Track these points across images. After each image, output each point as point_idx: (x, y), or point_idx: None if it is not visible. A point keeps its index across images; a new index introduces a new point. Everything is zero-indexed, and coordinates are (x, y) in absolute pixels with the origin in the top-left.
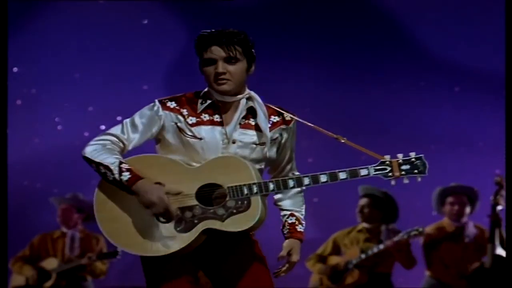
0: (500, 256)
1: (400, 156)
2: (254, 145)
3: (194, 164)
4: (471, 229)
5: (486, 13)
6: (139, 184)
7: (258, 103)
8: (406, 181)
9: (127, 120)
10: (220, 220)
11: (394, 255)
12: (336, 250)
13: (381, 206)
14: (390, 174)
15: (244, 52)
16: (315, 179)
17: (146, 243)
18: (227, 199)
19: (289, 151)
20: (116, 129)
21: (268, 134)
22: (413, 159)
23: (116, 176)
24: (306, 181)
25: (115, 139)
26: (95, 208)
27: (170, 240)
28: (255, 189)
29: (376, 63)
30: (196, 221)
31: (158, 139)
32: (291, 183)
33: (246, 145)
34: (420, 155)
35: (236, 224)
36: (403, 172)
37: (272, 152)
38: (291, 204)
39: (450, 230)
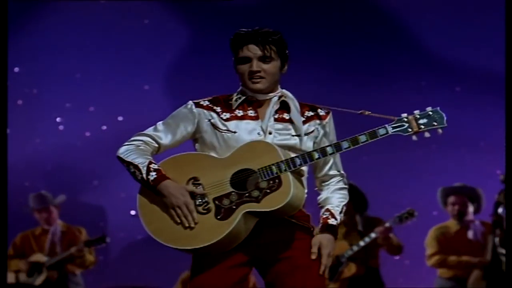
0: (500, 254)
1: (416, 112)
2: (290, 136)
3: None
4: (477, 227)
5: (486, 13)
6: (162, 184)
7: (291, 98)
8: (427, 134)
9: (161, 121)
10: (256, 202)
11: (381, 243)
12: None
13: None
14: (409, 129)
15: (279, 51)
16: (337, 147)
17: (190, 236)
18: (259, 180)
19: (329, 168)
20: (150, 129)
21: (301, 125)
22: (429, 112)
23: (144, 175)
24: (330, 150)
25: (148, 139)
26: (139, 212)
27: (212, 229)
28: (283, 166)
29: (377, 63)
30: (234, 207)
31: (196, 139)
32: (316, 155)
33: (282, 136)
34: (436, 108)
35: (271, 202)
36: (421, 126)
37: (308, 145)
38: (329, 200)
39: (454, 229)
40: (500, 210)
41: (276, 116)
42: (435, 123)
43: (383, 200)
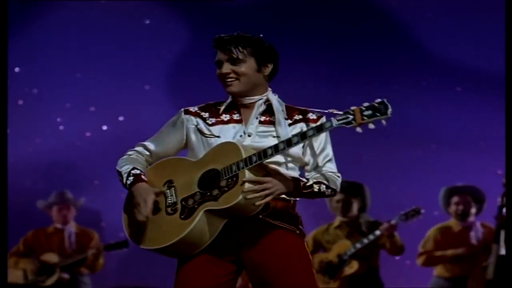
0: (504, 257)
1: (365, 104)
2: (270, 138)
3: None
4: (478, 229)
5: (486, 13)
6: (135, 186)
7: (276, 101)
8: (371, 126)
9: (157, 132)
10: (214, 200)
11: (384, 241)
12: (317, 247)
13: (356, 196)
14: (352, 121)
15: (251, 52)
16: (288, 143)
17: (158, 236)
18: (221, 179)
19: (320, 151)
20: (146, 141)
21: (284, 128)
22: (375, 104)
23: (124, 180)
24: (281, 146)
25: (141, 148)
26: (123, 219)
27: (176, 228)
28: (241, 164)
29: (378, 64)
30: (196, 206)
31: (186, 145)
32: (269, 151)
33: (262, 138)
34: (383, 99)
35: (227, 199)
36: (365, 118)
37: (295, 149)
38: (320, 177)
39: (456, 230)
40: (504, 211)
41: (262, 119)
42: (378, 114)
43: (383, 200)
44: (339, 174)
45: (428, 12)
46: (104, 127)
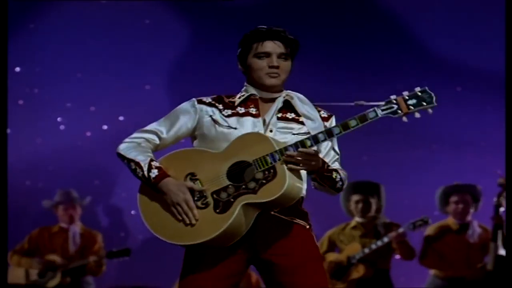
0: (502, 256)
1: (405, 92)
2: (293, 135)
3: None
4: (475, 229)
5: (487, 13)
6: (163, 182)
7: (298, 98)
8: (417, 115)
9: (163, 117)
10: (253, 193)
11: (395, 247)
12: (332, 247)
13: (373, 196)
14: (398, 111)
15: (292, 53)
16: (329, 133)
17: (192, 232)
18: (255, 172)
19: (328, 150)
20: (151, 125)
21: (318, 119)
22: (418, 93)
23: (145, 173)
24: (322, 137)
25: (150, 135)
26: (140, 210)
27: (213, 223)
28: (277, 156)
29: (379, 64)
30: (232, 200)
31: (195, 136)
32: (308, 142)
33: (282, 134)
34: (424, 87)
35: (268, 192)
36: (411, 107)
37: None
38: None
39: (454, 228)
40: (501, 210)
41: (279, 115)
42: (425, 103)
43: (384, 201)
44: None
45: (428, 12)
46: (105, 127)
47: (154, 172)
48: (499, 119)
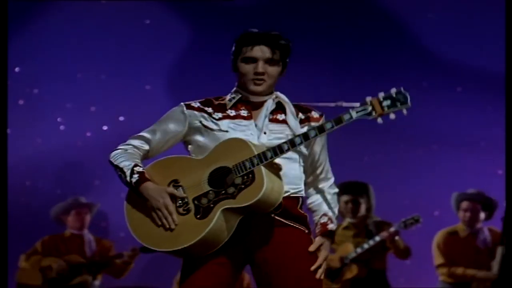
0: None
1: (380, 94)
2: (284, 135)
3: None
4: (485, 235)
5: (487, 13)
6: (143, 186)
7: (286, 102)
8: (392, 116)
9: (153, 124)
10: (232, 198)
11: (389, 246)
12: None
13: (362, 196)
14: (373, 112)
15: (282, 57)
16: (305, 136)
17: (172, 238)
18: (234, 177)
19: (319, 152)
20: (141, 132)
21: (297, 127)
22: (393, 94)
23: (128, 178)
24: (298, 140)
25: (138, 142)
26: (126, 218)
27: (193, 229)
28: (255, 161)
29: (378, 64)
30: (212, 205)
31: (188, 142)
32: (285, 146)
33: (275, 135)
34: (400, 88)
35: (246, 197)
36: (385, 108)
37: (303, 149)
38: (325, 205)
39: (463, 235)
40: None
41: (270, 117)
42: (399, 104)
43: (384, 201)
44: (333, 179)
45: (428, 12)
46: (105, 127)
47: (135, 177)
48: (499, 119)
